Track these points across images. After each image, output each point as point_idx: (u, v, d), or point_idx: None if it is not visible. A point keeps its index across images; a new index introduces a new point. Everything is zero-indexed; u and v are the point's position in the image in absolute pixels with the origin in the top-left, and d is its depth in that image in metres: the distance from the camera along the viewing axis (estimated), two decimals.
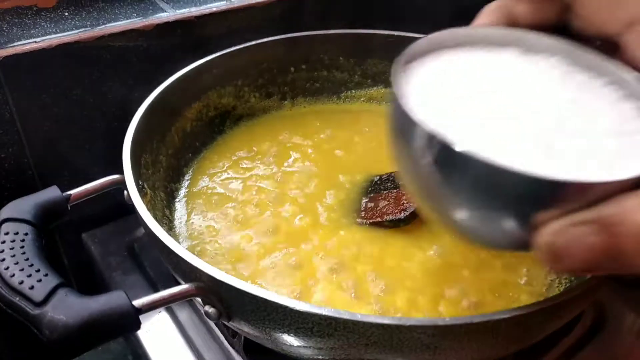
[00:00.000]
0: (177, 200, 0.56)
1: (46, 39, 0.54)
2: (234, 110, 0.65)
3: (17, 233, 0.37)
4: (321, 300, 0.44)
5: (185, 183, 0.58)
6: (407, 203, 0.50)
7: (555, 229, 0.27)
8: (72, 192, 0.43)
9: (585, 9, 0.36)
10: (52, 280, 0.34)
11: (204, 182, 0.58)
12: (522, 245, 0.30)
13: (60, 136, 0.58)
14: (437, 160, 0.29)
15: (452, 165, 0.28)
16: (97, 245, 0.62)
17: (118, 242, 0.62)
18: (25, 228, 0.37)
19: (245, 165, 0.59)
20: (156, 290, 0.56)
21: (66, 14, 0.59)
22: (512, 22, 0.37)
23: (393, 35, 0.66)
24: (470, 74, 0.35)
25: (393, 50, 0.68)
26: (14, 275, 0.34)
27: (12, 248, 0.35)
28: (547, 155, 0.28)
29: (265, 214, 0.52)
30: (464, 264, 0.47)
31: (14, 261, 0.35)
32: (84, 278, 0.63)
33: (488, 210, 0.29)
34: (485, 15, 0.38)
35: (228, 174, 0.58)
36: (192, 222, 0.53)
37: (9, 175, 0.57)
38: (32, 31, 0.55)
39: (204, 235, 0.52)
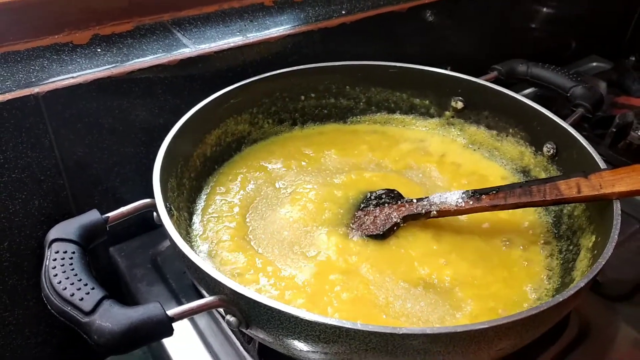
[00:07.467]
0: (195, 215, 0.61)
1: (82, 74, 0.59)
2: (249, 135, 0.70)
3: (65, 252, 0.42)
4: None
5: (203, 198, 0.63)
6: (385, 220, 0.56)
7: None
8: (109, 214, 0.48)
9: None
10: (98, 293, 0.39)
11: (219, 197, 0.63)
12: None
13: (92, 160, 0.63)
14: None
15: None
16: (123, 259, 0.66)
17: (142, 256, 0.66)
18: (72, 247, 0.43)
19: (255, 179, 0.66)
20: (178, 299, 0.61)
21: (99, 50, 0.64)
22: None
23: (395, 66, 0.71)
24: None
25: (395, 79, 0.74)
26: (65, 288, 0.39)
27: (63, 265, 0.41)
28: None
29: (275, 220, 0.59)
30: None
31: (65, 276, 0.40)
32: (111, 288, 0.68)
33: None
34: None
35: (240, 188, 0.64)
36: (209, 236, 0.58)
37: (46, 195, 0.61)
38: (69, 67, 0.60)
39: (220, 247, 0.57)
